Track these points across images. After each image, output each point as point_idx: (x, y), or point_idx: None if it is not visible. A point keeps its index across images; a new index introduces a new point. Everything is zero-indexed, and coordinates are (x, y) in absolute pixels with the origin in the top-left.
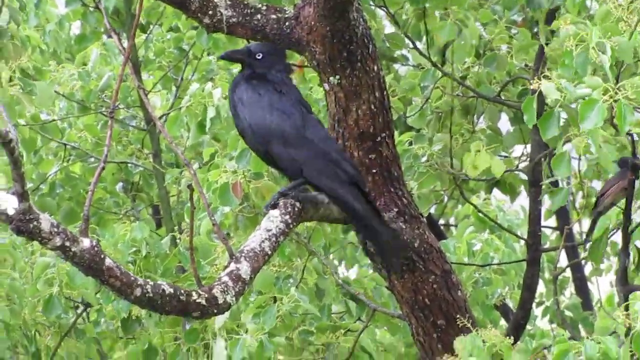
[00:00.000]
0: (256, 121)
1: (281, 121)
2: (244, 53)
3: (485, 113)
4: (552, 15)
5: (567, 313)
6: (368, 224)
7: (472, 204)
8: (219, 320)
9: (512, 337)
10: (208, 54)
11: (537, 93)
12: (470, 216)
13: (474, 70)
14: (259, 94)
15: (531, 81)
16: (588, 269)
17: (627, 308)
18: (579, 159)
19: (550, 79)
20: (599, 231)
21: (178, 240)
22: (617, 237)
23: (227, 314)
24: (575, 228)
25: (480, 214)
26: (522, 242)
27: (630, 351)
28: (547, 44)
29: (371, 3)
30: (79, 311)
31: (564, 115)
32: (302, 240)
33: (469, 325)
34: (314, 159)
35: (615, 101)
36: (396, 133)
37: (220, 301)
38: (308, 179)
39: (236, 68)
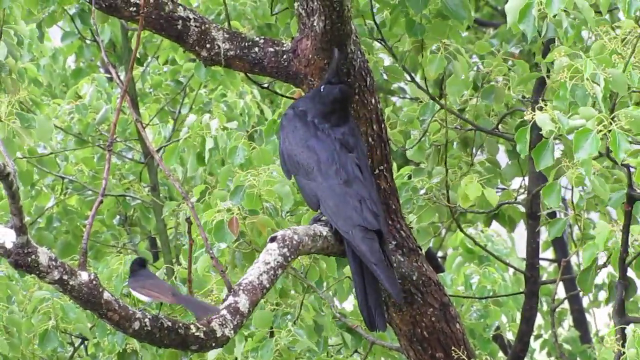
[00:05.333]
0: (287, 150)
1: (308, 157)
2: None
3: (484, 145)
4: (547, 48)
5: (566, 346)
6: (374, 272)
7: (464, 232)
8: (211, 354)
9: None
10: (205, 87)
11: (530, 124)
12: (459, 247)
13: (472, 102)
14: (296, 126)
15: (526, 112)
16: (586, 301)
17: (624, 340)
18: (572, 191)
19: (544, 110)
20: (587, 260)
21: (175, 272)
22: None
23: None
24: (573, 260)
25: (469, 245)
26: (511, 271)
27: None
28: (547, 76)
29: (369, 36)
30: (76, 345)
31: (560, 146)
32: (299, 276)
33: (464, 357)
34: (331, 198)
35: (609, 131)
36: (395, 166)
37: (219, 334)
38: (324, 216)
39: (229, 99)
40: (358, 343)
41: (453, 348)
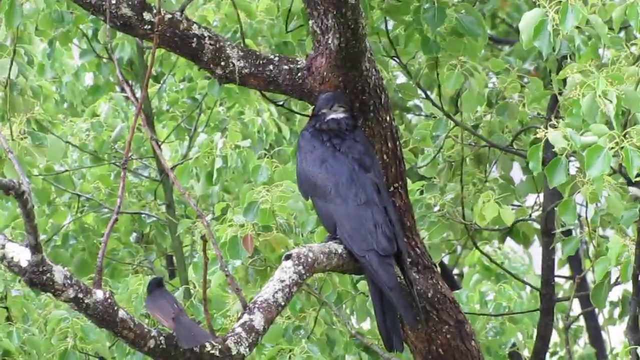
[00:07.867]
0: (304, 171)
1: (326, 178)
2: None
3: (497, 162)
4: (561, 65)
5: None
6: (389, 297)
7: (480, 250)
8: None
9: None
10: (220, 104)
11: (543, 141)
12: (476, 265)
13: (486, 119)
14: (314, 145)
15: (539, 130)
16: (602, 318)
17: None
18: (586, 207)
19: (557, 127)
20: (600, 275)
21: (192, 291)
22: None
23: None
24: (589, 277)
25: (486, 263)
26: (529, 288)
27: None
28: (560, 93)
29: (383, 53)
30: None
31: (577, 163)
32: (313, 292)
33: None
34: (347, 221)
35: (621, 148)
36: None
37: (234, 352)
38: (340, 239)
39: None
40: None
41: None
